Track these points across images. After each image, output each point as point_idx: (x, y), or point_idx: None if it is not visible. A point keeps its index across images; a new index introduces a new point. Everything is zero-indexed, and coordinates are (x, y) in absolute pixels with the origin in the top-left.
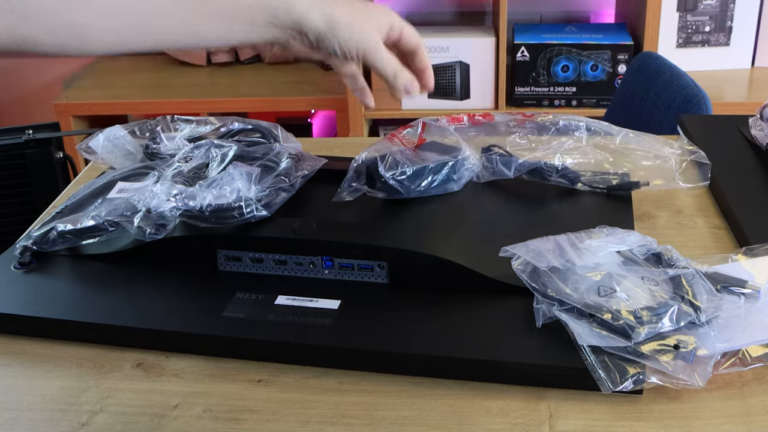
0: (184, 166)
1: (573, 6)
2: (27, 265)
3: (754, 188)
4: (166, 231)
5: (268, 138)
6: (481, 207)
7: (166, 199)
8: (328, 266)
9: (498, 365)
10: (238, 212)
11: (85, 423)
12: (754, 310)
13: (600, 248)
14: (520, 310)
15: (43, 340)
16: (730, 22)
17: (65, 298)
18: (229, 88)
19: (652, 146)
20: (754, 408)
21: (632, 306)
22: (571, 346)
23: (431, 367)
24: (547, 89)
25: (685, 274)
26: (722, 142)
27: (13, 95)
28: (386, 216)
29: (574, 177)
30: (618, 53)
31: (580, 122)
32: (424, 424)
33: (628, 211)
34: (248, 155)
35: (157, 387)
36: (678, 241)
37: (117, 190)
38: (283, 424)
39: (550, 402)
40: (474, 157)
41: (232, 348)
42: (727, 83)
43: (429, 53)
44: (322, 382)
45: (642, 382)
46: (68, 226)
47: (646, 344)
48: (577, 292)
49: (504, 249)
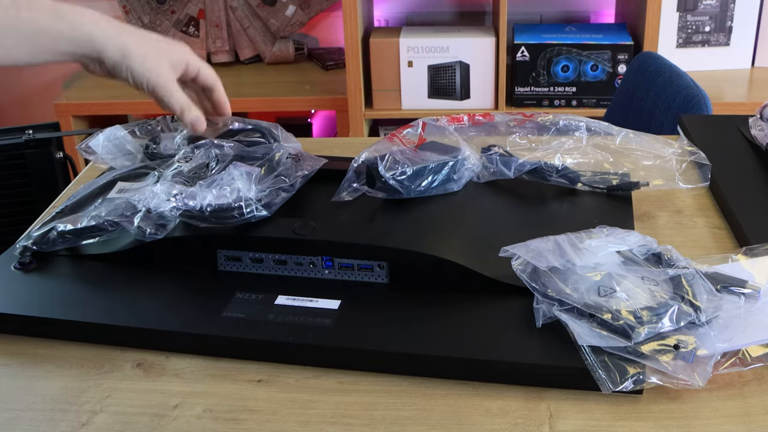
0: (184, 166)
1: (573, 6)
2: (27, 265)
3: (754, 188)
4: (166, 231)
5: (268, 138)
6: (481, 207)
7: (166, 199)
8: (328, 266)
9: (498, 365)
10: (238, 212)
11: (85, 423)
12: (754, 310)
13: (600, 248)
14: (520, 310)
15: (43, 340)
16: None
17: (65, 298)
18: (229, 88)
19: (652, 146)
20: (754, 408)
21: (632, 306)
22: (571, 346)
23: (431, 367)
24: (547, 89)
25: (685, 274)
26: (722, 142)
27: (13, 95)
28: (386, 216)
29: (574, 177)
30: (618, 53)
31: (580, 122)
32: (424, 424)
33: (628, 211)
34: (248, 155)
35: (157, 387)
36: (678, 241)
37: (117, 190)
38: (283, 424)
39: (550, 402)
40: (474, 157)
41: (232, 348)
42: (727, 83)
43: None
44: (322, 382)
45: (642, 382)
46: (68, 226)
47: (646, 344)
48: (577, 292)
49: (504, 249)
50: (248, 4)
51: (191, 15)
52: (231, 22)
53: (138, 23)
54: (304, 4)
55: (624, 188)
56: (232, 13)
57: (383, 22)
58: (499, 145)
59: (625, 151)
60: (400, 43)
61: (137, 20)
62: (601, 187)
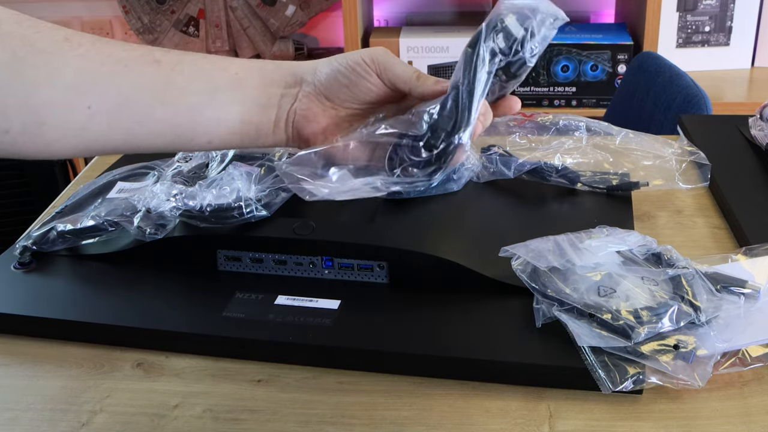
0: (184, 166)
1: (573, 6)
2: (27, 265)
3: (754, 188)
4: (166, 231)
5: None
6: (481, 207)
7: (166, 199)
8: (328, 266)
9: (498, 365)
10: (238, 212)
11: (85, 423)
12: (754, 310)
13: (600, 248)
14: (520, 310)
15: (43, 340)
16: (730, 22)
17: (65, 298)
18: None
19: (652, 146)
20: (754, 408)
21: (632, 306)
22: (571, 346)
23: (431, 367)
24: (547, 89)
25: (685, 274)
26: (722, 142)
27: None
28: (386, 216)
29: (574, 177)
30: (618, 53)
31: (580, 122)
32: (424, 424)
33: (628, 211)
34: (248, 155)
35: (157, 387)
36: (678, 241)
37: (117, 190)
38: (283, 424)
39: (550, 402)
40: (474, 157)
41: (232, 348)
42: (727, 83)
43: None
44: (322, 382)
45: (642, 382)
46: (68, 226)
47: (646, 344)
48: (577, 292)
49: (504, 249)
50: (248, 4)
51: (191, 15)
52: (231, 22)
53: (138, 23)
54: (304, 4)
55: (624, 188)
56: (231, 13)
57: (383, 22)
58: (499, 145)
59: (624, 151)
60: (400, 43)
61: (137, 20)
62: (601, 187)
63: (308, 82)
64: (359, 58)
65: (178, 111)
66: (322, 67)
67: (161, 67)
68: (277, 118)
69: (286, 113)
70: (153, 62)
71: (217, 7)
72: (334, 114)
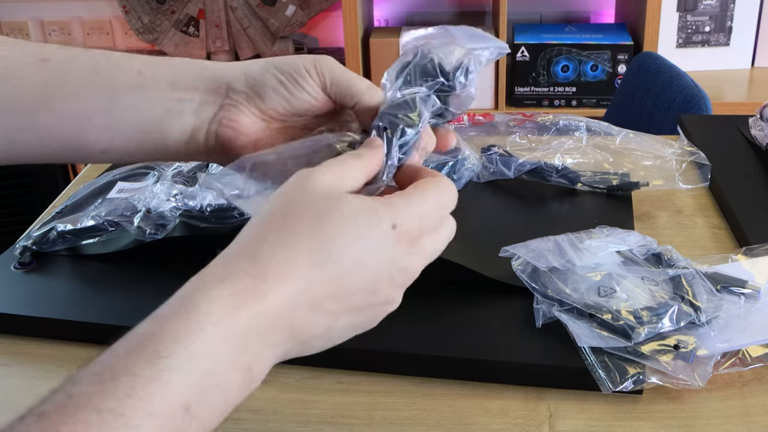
0: (184, 165)
1: (573, 6)
2: (27, 265)
3: (754, 188)
4: (166, 231)
5: None
6: (481, 207)
7: (166, 199)
8: None
9: (498, 365)
10: (238, 212)
11: None
12: (754, 310)
13: (600, 248)
14: (520, 310)
15: (43, 340)
16: (730, 22)
17: (65, 298)
18: None
19: (652, 146)
20: (754, 408)
21: (632, 306)
22: (571, 346)
23: (431, 367)
24: (547, 89)
25: (685, 274)
26: (722, 142)
27: None
28: None
29: (574, 177)
30: (618, 53)
31: (580, 122)
32: (424, 424)
33: (628, 211)
34: None
35: None
36: (678, 241)
37: (117, 190)
38: (283, 424)
39: (550, 402)
40: (474, 157)
41: None
42: (727, 83)
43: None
44: (322, 382)
45: (642, 382)
46: (68, 226)
47: (646, 344)
48: (577, 293)
49: (504, 249)
50: (248, 4)
51: (191, 15)
52: (231, 22)
53: (138, 23)
54: (304, 4)
55: (624, 188)
56: (231, 13)
57: (383, 22)
58: (499, 145)
59: (625, 151)
60: (400, 43)
61: (137, 20)
62: (601, 187)
63: (236, 90)
64: (300, 67)
65: (61, 117)
66: (255, 74)
67: (48, 66)
68: (193, 128)
69: (206, 123)
70: (39, 61)
71: (217, 7)
72: (266, 126)
